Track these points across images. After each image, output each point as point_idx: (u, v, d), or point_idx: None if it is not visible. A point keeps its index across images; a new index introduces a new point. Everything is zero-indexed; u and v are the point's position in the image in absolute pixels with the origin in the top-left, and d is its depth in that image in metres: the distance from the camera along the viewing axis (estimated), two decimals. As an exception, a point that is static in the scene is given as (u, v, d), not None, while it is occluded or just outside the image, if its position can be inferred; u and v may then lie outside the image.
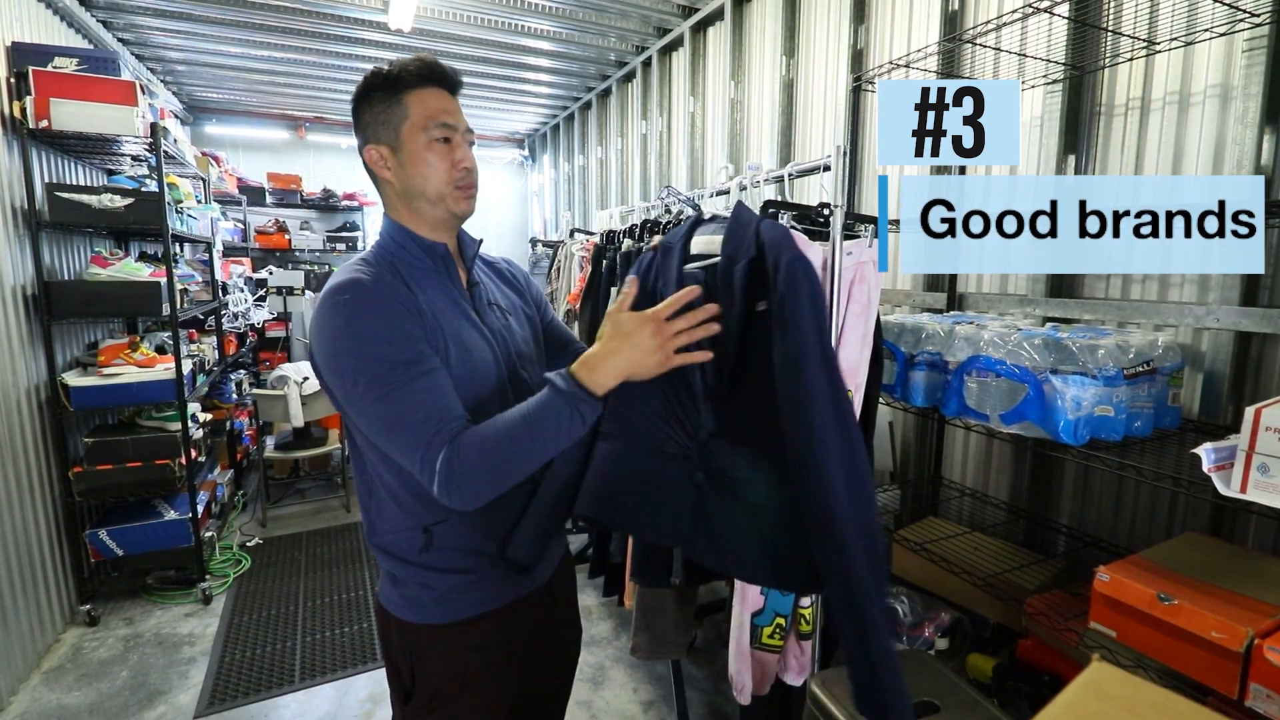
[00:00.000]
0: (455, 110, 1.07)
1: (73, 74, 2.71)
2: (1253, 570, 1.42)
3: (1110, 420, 1.50)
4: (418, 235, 1.09)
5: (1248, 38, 1.60)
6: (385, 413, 0.94)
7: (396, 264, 1.05)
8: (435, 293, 1.06)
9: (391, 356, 0.94)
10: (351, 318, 0.96)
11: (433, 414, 0.93)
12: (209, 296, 3.98)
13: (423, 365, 0.96)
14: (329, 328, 0.97)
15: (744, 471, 1.05)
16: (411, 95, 1.04)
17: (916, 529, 2.28)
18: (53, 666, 2.55)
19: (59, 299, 2.71)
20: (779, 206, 1.55)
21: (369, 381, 0.94)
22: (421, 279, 1.06)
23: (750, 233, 1.05)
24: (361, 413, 0.97)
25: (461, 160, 1.06)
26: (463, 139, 1.07)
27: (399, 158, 1.05)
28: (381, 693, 2.38)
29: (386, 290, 0.99)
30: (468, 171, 1.07)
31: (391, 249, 1.08)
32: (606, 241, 2.97)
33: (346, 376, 0.95)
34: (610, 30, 4.27)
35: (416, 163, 1.04)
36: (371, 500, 1.10)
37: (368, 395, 0.94)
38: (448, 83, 1.08)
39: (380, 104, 1.05)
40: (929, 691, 1.51)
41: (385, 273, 1.02)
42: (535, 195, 7.68)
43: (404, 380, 0.93)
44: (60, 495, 2.78)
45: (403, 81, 1.04)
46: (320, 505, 4.22)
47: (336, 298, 0.97)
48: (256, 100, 6.07)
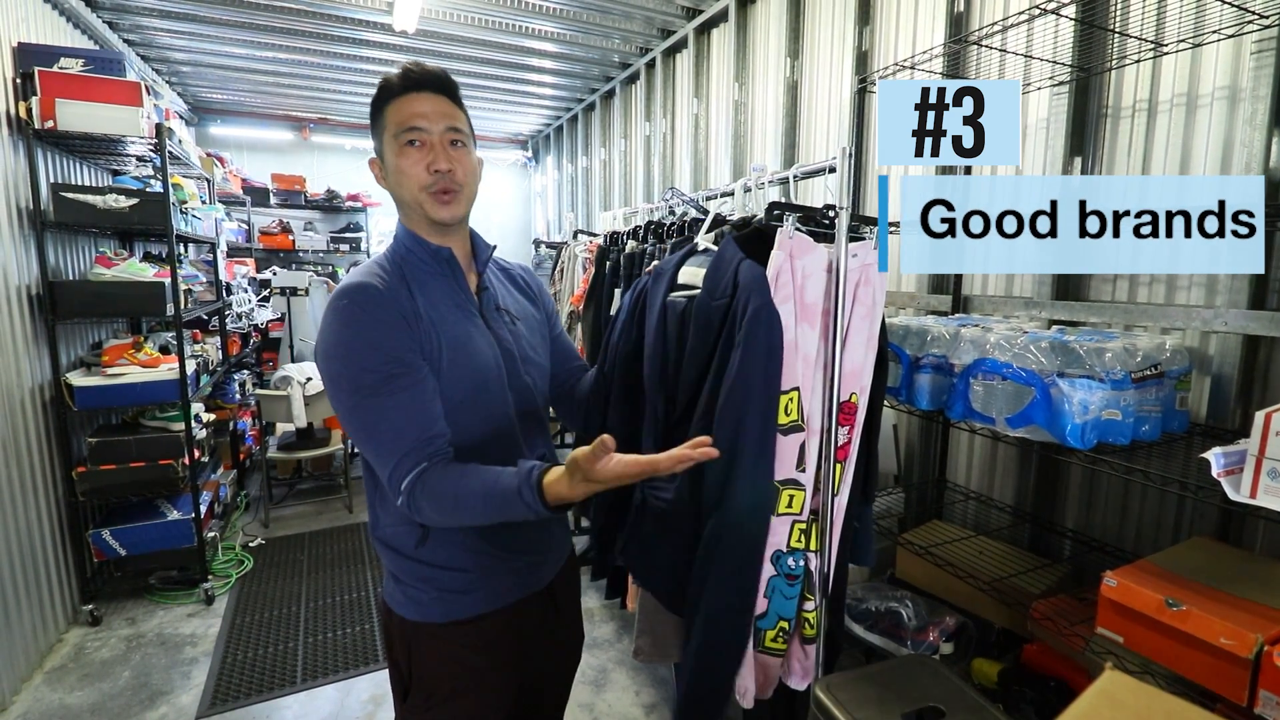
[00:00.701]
0: (432, 112, 1.04)
1: (78, 75, 2.72)
2: (1262, 576, 1.41)
3: (1118, 424, 1.49)
4: (423, 239, 1.10)
5: (1256, 39, 1.60)
6: (363, 421, 0.98)
7: (404, 267, 1.08)
8: (438, 296, 1.07)
9: (376, 366, 0.97)
10: (347, 323, 0.99)
11: (405, 432, 0.96)
12: (213, 297, 3.98)
13: (403, 379, 0.98)
14: (327, 330, 1.00)
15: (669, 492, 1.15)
16: (391, 105, 1.05)
17: (921, 532, 2.27)
18: (55, 666, 2.55)
19: (63, 299, 2.71)
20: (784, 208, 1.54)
21: (350, 388, 0.97)
22: (426, 282, 1.07)
23: (729, 272, 1.13)
24: (342, 417, 1.01)
25: (433, 163, 1.04)
26: (440, 140, 1.04)
27: (385, 168, 1.09)
28: (383, 694, 2.38)
29: (386, 297, 1.00)
30: (439, 175, 1.04)
31: (401, 251, 1.10)
32: (610, 243, 2.97)
33: (332, 380, 1.00)
34: (614, 31, 4.27)
35: (394, 171, 1.06)
36: (376, 494, 1.12)
37: (349, 401, 0.98)
38: (430, 85, 1.06)
39: (373, 119, 1.09)
40: (934, 697, 1.50)
41: (392, 276, 1.04)
42: (538, 196, 7.68)
43: (380, 392, 0.96)
44: (63, 495, 2.78)
45: (388, 92, 1.06)
46: (323, 506, 4.22)
47: (339, 301, 1.00)
48: (261, 101, 6.08)
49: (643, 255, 2.42)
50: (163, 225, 2.87)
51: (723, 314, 1.08)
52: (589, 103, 5.77)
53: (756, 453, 1.11)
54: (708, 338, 1.09)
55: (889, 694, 1.52)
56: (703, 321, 1.09)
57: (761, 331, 1.05)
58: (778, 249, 1.47)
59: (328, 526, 3.90)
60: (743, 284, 1.10)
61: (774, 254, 1.47)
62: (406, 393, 0.97)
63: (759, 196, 1.98)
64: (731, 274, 1.10)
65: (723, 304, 1.08)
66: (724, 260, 1.12)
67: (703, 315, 1.09)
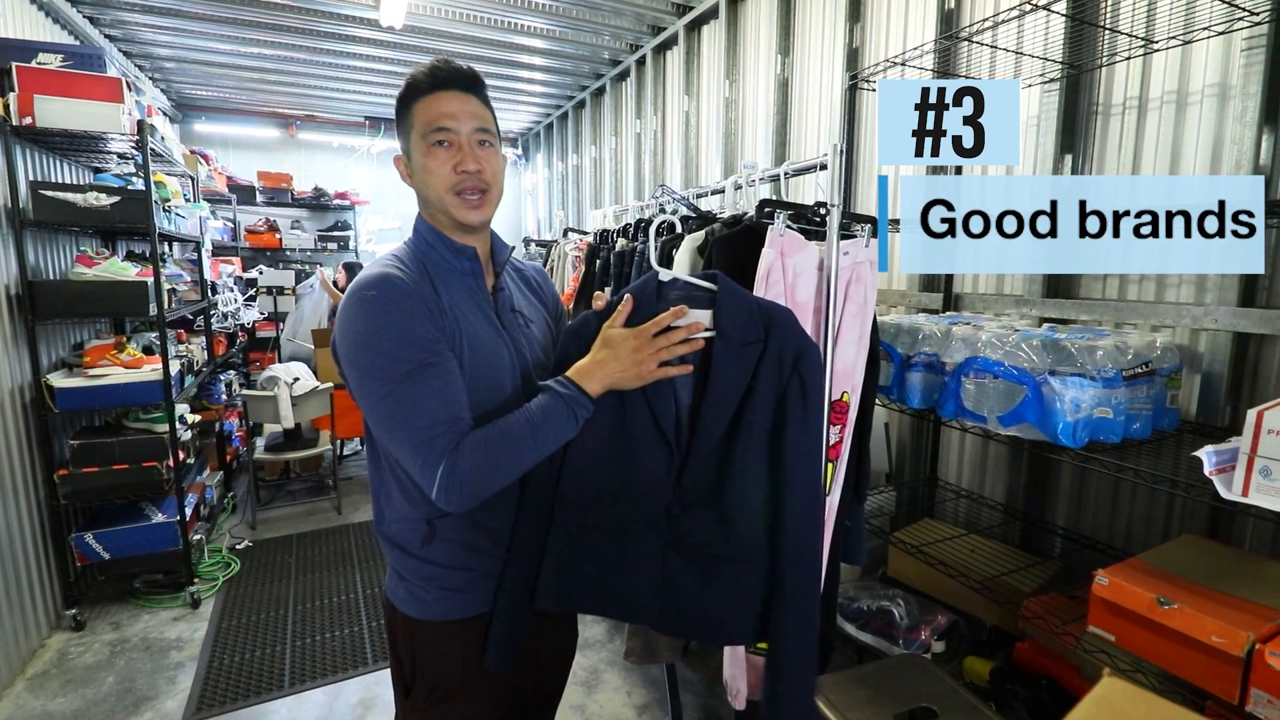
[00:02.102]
0: (460, 112, 1.04)
1: (58, 70, 2.67)
2: (1252, 573, 1.41)
3: (1109, 422, 1.48)
4: (447, 237, 1.09)
5: (1246, 37, 1.60)
6: (393, 410, 0.96)
7: (426, 262, 1.07)
8: (460, 294, 1.07)
9: (405, 355, 0.96)
10: (374, 314, 0.98)
11: (438, 419, 0.95)
12: (198, 296, 3.93)
13: (436, 367, 0.97)
14: (352, 321, 0.98)
15: (715, 539, 1.09)
16: (419, 103, 1.05)
17: (912, 531, 2.27)
18: (37, 673, 2.50)
19: (43, 299, 2.66)
20: (775, 205, 1.52)
21: (380, 378, 0.96)
22: (448, 279, 1.07)
23: (754, 313, 1.08)
24: (371, 408, 0.98)
25: (460, 163, 1.03)
26: (469, 140, 1.04)
27: (411, 166, 1.08)
28: (372, 698, 2.35)
29: (411, 289, 1.00)
30: (468, 174, 1.04)
31: (423, 247, 1.09)
32: (600, 241, 2.94)
33: (362, 370, 0.97)
34: (604, 28, 4.25)
35: (420, 170, 1.06)
36: (382, 489, 1.12)
37: (378, 391, 0.96)
38: (458, 83, 1.05)
39: (400, 116, 1.08)
40: (926, 696, 1.49)
41: (414, 270, 1.04)
42: (529, 194, 7.65)
43: (414, 380, 0.95)
44: (45, 498, 2.73)
45: (415, 89, 1.05)
46: (311, 507, 4.17)
47: (364, 293, 0.99)
48: (246, 98, 6.02)
49: (633, 253, 2.40)
50: (145, 224, 2.82)
51: (755, 359, 1.06)
52: (579, 100, 5.75)
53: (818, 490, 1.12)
54: (737, 385, 1.07)
55: (881, 694, 1.51)
56: (730, 370, 1.07)
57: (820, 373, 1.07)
58: (769, 246, 1.46)
59: (316, 528, 3.85)
60: (778, 324, 1.08)
61: (765, 251, 1.46)
62: (440, 380, 0.97)
63: (749, 194, 1.97)
64: (757, 314, 1.08)
65: (754, 350, 1.06)
66: (738, 300, 1.10)
67: (730, 361, 1.07)
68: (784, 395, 1.05)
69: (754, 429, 1.06)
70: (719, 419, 1.06)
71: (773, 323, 1.07)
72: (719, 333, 1.06)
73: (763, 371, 1.05)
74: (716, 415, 1.06)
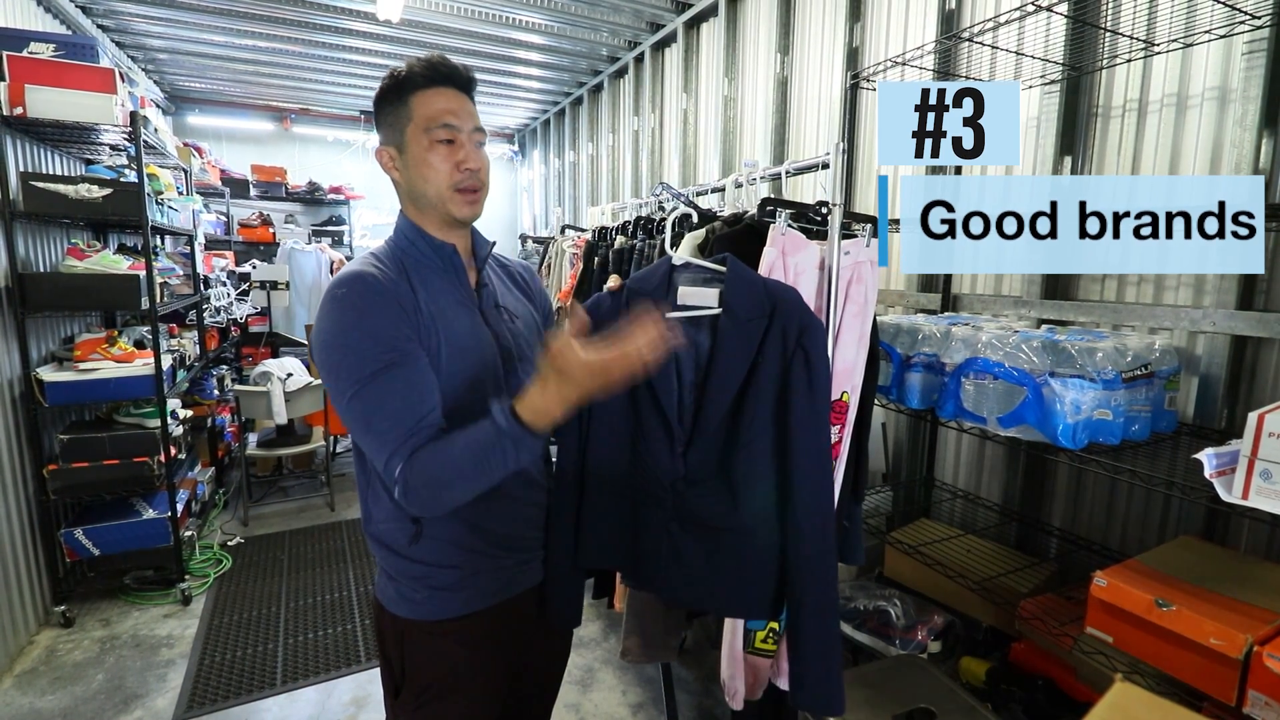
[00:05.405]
0: (461, 110, 1.05)
1: (49, 60, 2.63)
2: (1250, 575, 1.42)
3: (1108, 424, 1.49)
4: (427, 234, 1.09)
5: (1247, 40, 1.60)
6: (359, 410, 0.95)
7: (405, 260, 1.07)
8: (439, 291, 1.07)
9: (372, 354, 0.95)
10: (345, 312, 0.97)
11: (401, 420, 0.94)
12: (190, 290, 3.89)
13: (402, 367, 0.96)
14: (324, 320, 0.98)
15: (720, 513, 1.12)
16: (417, 96, 1.04)
17: (909, 531, 2.27)
18: (26, 669, 2.48)
19: (34, 292, 2.63)
20: (776, 204, 1.52)
21: (347, 378, 0.95)
22: (427, 276, 1.07)
23: (760, 291, 1.11)
24: (341, 408, 0.98)
25: (464, 161, 1.04)
26: (469, 139, 1.06)
27: (404, 159, 1.07)
28: (365, 696, 2.34)
29: (384, 286, 0.99)
30: (471, 173, 1.05)
31: (403, 244, 1.09)
32: (599, 238, 2.93)
33: (331, 370, 0.98)
34: (603, 25, 4.23)
35: (419, 165, 1.05)
36: (369, 489, 1.11)
37: (347, 391, 0.96)
38: (457, 81, 1.06)
39: (389, 106, 1.06)
40: (924, 697, 1.49)
41: (391, 268, 1.03)
42: (525, 191, 7.62)
43: (379, 380, 0.94)
44: (34, 493, 2.70)
45: (410, 82, 1.04)
46: (304, 504, 4.15)
47: (336, 290, 0.99)
48: (241, 91, 5.97)
49: (632, 250, 2.39)
50: (137, 216, 2.79)
51: (760, 335, 1.08)
52: (576, 96, 5.72)
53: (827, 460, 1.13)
54: (742, 358, 1.08)
55: (879, 695, 1.51)
56: (736, 344, 1.08)
57: (824, 346, 1.09)
58: (770, 245, 1.45)
59: (309, 525, 3.83)
60: (782, 302, 1.10)
61: (766, 250, 1.45)
62: (404, 381, 0.96)
63: (750, 192, 1.96)
64: (763, 293, 1.10)
65: (758, 325, 1.08)
66: (745, 280, 1.13)
67: (735, 337, 1.08)
68: (789, 367, 1.07)
69: (759, 403, 1.08)
70: (724, 394, 1.08)
71: (779, 300, 1.09)
72: (725, 309, 1.08)
73: (768, 346, 1.07)
74: (722, 390, 1.08)
